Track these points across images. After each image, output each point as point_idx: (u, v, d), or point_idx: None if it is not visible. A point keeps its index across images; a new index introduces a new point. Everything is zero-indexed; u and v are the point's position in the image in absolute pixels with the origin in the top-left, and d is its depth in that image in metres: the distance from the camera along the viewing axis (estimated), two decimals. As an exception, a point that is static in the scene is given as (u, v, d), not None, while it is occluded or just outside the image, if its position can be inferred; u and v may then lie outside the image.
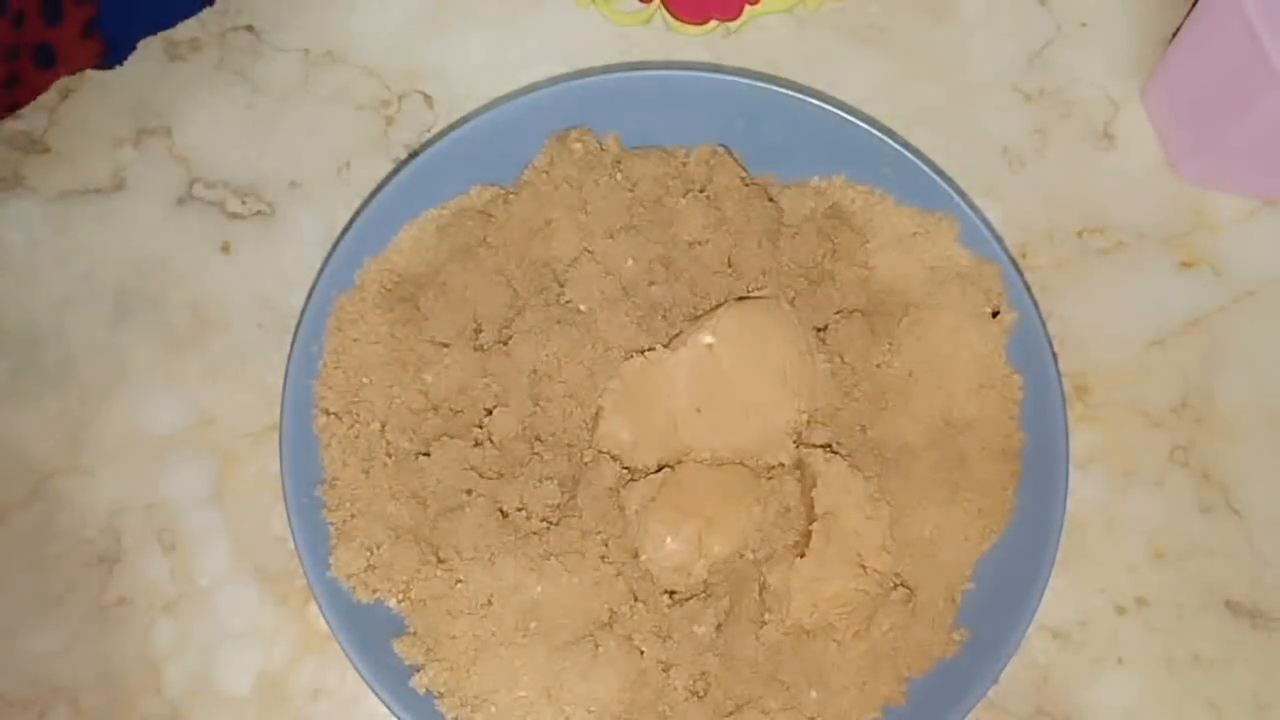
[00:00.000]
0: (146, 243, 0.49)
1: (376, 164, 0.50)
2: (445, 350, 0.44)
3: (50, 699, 0.44)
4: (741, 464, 0.43)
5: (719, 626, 0.42)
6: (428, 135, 0.51)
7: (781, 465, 0.43)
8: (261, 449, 0.47)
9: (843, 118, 0.46)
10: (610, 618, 0.42)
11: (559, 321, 0.44)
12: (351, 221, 0.46)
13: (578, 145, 0.46)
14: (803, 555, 0.42)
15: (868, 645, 0.42)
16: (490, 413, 0.43)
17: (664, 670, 0.42)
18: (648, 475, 0.43)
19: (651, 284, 0.45)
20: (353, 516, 0.43)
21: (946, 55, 0.53)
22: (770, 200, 0.47)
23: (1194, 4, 0.48)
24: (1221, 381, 0.49)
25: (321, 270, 0.45)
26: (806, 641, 0.42)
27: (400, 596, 0.42)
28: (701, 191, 0.46)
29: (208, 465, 0.47)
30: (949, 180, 0.47)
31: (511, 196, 0.46)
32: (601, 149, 0.46)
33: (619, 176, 0.46)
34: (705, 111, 0.47)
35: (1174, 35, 0.51)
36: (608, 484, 0.42)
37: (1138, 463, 0.48)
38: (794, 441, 0.44)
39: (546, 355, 0.43)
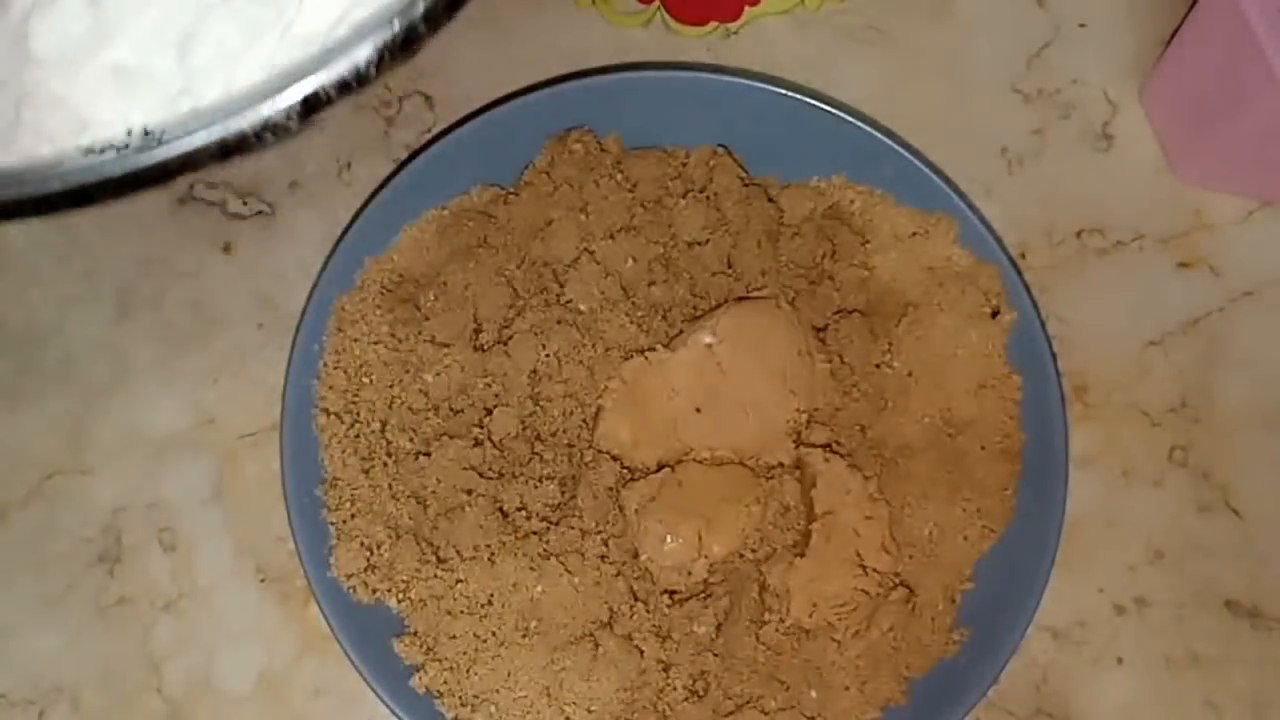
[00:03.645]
0: (147, 243, 0.49)
1: (376, 164, 0.50)
2: (445, 350, 0.44)
3: (50, 699, 0.44)
4: (741, 464, 0.43)
5: (719, 626, 0.42)
6: (428, 135, 0.51)
7: (781, 465, 0.43)
8: (261, 449, 0.47)
9: (842, 118, 0.46)
10: (610, 618, 0.42)
11: (559, 321, 0.44)
12: (351, 221, 0.46)
13: (578, 146, 0.46)
14: (803, 555, 0.42)
15: (868, 645, 0.42)
16: (490, 413, 0.43)
17: (664, 670, 0.42)
18: (648, 475, 0.43)
19: (651, 284, 0.45)
20: (353, 516, 0.43)
21: (946, 55, 0.53)
22: (770, 200, 0.47)
23: (1193, 4, 0.48)
24: (1220, 381, 0.49)
25: (322, 270, 0.45)
26: (806, 641, 0.42)
27: (400, 596, 0.42)
28: (701, 192, 0.46)
29: (208, 465, 0.47)
30: (948, 180, 0.47)
31: (512, 197, 0.46)
32: (601, 149, 0.46)
33: (619, 177, 0.46)
34: (705, 112, 0.47)
35: (1173, 36, 0.51)
36: (608, 484, 0.42)
37: (1137, 463, 0.48)
38: (794, 441, 0.44)
39: (546, 355, 0.43)
